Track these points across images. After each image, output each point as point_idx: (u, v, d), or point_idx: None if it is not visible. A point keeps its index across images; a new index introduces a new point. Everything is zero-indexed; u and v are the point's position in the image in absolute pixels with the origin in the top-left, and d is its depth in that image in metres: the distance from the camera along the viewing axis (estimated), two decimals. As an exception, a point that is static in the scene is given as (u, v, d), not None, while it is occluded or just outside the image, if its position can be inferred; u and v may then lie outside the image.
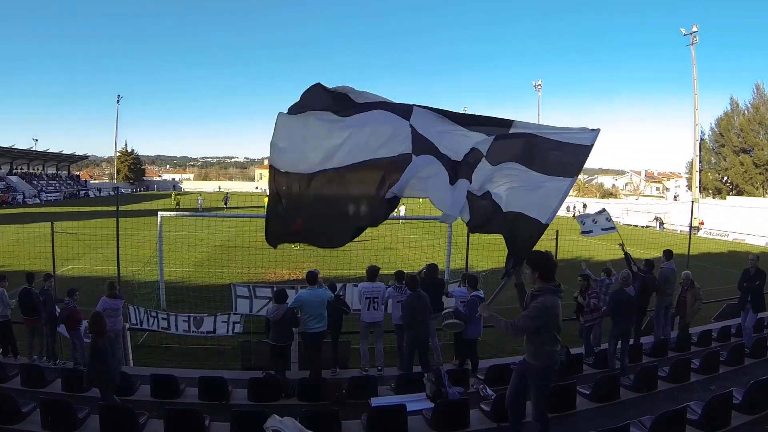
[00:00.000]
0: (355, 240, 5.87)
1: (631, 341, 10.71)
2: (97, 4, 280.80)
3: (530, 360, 5.66)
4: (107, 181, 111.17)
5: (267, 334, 9.45)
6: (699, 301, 11.94)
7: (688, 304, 11.91)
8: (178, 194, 69.61)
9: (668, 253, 12.01)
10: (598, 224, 13.04)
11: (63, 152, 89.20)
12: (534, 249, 5.48)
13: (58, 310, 10.30)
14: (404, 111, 5.62)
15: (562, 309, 5.58)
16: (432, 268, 10.76)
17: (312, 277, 9.63)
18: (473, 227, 5.68)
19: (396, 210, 5.96)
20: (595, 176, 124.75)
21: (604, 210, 13.37)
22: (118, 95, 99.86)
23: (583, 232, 13.21)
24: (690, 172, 67.50)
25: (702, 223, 47.45)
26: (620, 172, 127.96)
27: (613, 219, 13.24)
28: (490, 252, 17.52)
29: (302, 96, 5.55)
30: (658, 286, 11.55)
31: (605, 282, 11.78)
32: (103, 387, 7.38)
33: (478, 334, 10.18)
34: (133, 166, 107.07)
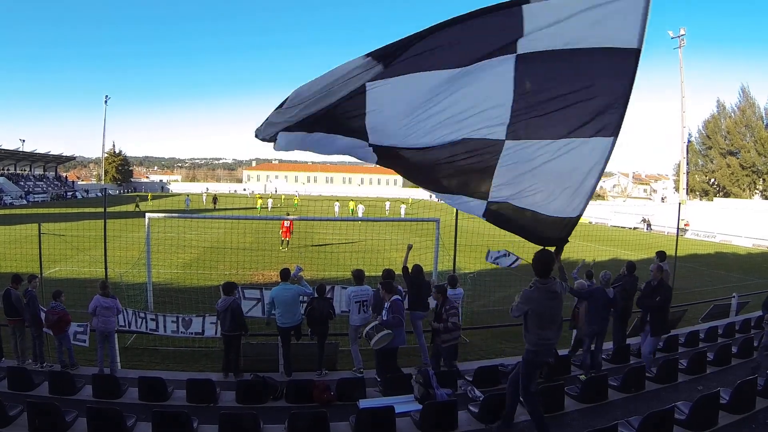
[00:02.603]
0: (342, 242, 5.88)
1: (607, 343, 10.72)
2: (85, 6, 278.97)
3: (526, 345, 6.34)
4: (95, 182, 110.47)
5: (220, 324, 10.04)
6: None
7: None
8: (155, 195, 70.13)
9: (662, 254, 11.89)
10: (508, 259, 12.83)
11: (50, 153, 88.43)
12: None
13: (43, 311, 10.20)
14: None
15: (554, 303, 6.07)
16: (417, 269, 10.79)
17: (284, 274, 10.25)
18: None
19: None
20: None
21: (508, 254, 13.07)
22: (106, 96, 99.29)
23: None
24: (677, 174, 68.25)
25: (687, 225, 47.81)
26: (608, 174, 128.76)
27: (601, 220, 13.26)
28: (477, 254, 17.56)
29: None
30: (638, 288, 11.46)
31: (586, 285, 11.68)
32: None
33: (402, 342, 9.43)
34: (121, 167, 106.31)
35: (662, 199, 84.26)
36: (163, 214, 19.77)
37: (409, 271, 10.79)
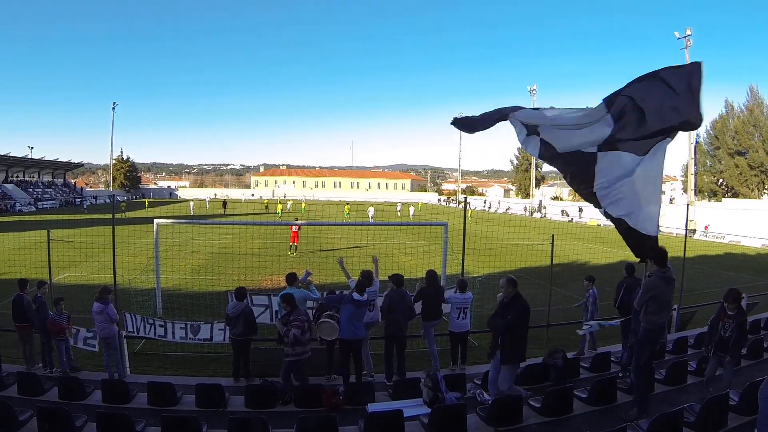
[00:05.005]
0: (350, 246, 5.89)
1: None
2: (94, 14, 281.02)
3: (642, 324, 7.44)
4: (103, 188, 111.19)
5: (230, 329, 10.06)
6: None
7: None
8: (152, 201, 70.67)
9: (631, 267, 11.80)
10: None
11: (59, 160, 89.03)
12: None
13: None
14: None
15: (670, 288, 7.40)
16: (432, 275, 10.72)
17: (290, 278, 10.44)
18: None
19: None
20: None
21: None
22: (114, 103, 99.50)
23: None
24: (685, 174, 67.61)
25: (707, 228, 47.65)
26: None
27: (610, 223, 13.11)
28: (486, 257, 17.57)
29: None
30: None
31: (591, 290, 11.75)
32: None
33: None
34: (129, 173, 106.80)
35: (670, 200, 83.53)
36: (172, 220, 19.88)
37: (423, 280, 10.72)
